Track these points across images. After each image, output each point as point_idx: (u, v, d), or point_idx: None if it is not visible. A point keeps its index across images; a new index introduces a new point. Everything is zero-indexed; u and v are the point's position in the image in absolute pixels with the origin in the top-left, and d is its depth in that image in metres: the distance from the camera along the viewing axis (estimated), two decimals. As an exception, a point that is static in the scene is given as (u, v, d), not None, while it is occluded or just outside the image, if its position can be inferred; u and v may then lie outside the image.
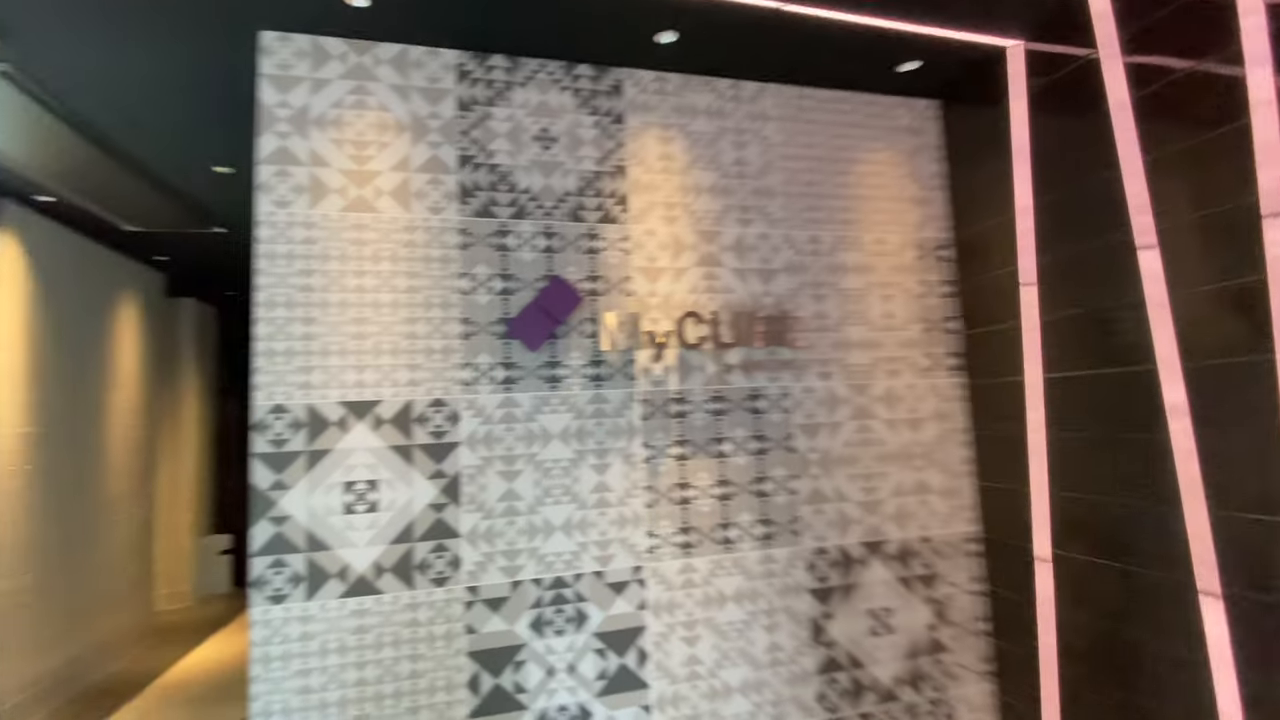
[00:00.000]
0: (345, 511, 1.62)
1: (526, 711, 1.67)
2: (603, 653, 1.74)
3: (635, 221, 1.90)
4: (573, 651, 1.72)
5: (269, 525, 1.57)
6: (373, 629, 1.60)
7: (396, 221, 1.73)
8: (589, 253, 1.85)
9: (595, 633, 1.74)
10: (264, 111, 1.67)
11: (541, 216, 1.82)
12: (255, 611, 1.54)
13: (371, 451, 1.65)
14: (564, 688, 1.70)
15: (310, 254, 1.66)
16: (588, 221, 1.86)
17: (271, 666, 1.53)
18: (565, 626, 1.72)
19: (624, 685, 1.74)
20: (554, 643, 1.71)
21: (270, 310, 1.63)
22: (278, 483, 1.58)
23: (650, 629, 1.78)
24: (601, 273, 1.85)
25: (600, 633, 1.74)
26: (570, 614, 1.73)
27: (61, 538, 3.60)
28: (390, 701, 1.59)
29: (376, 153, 1.73)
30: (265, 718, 1.51)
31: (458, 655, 1.65)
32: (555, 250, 1.82)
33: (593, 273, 1.84)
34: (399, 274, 1.72)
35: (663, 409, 1.86)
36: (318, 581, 1.58)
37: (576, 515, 1.77)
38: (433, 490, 1.68)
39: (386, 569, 1.63)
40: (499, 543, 1.71)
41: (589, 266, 1.84)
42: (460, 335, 1.74)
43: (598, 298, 1.84)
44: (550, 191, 1.84)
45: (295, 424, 1.61)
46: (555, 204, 1.84)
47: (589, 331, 1.82)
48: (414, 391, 1.69)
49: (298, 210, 1.66)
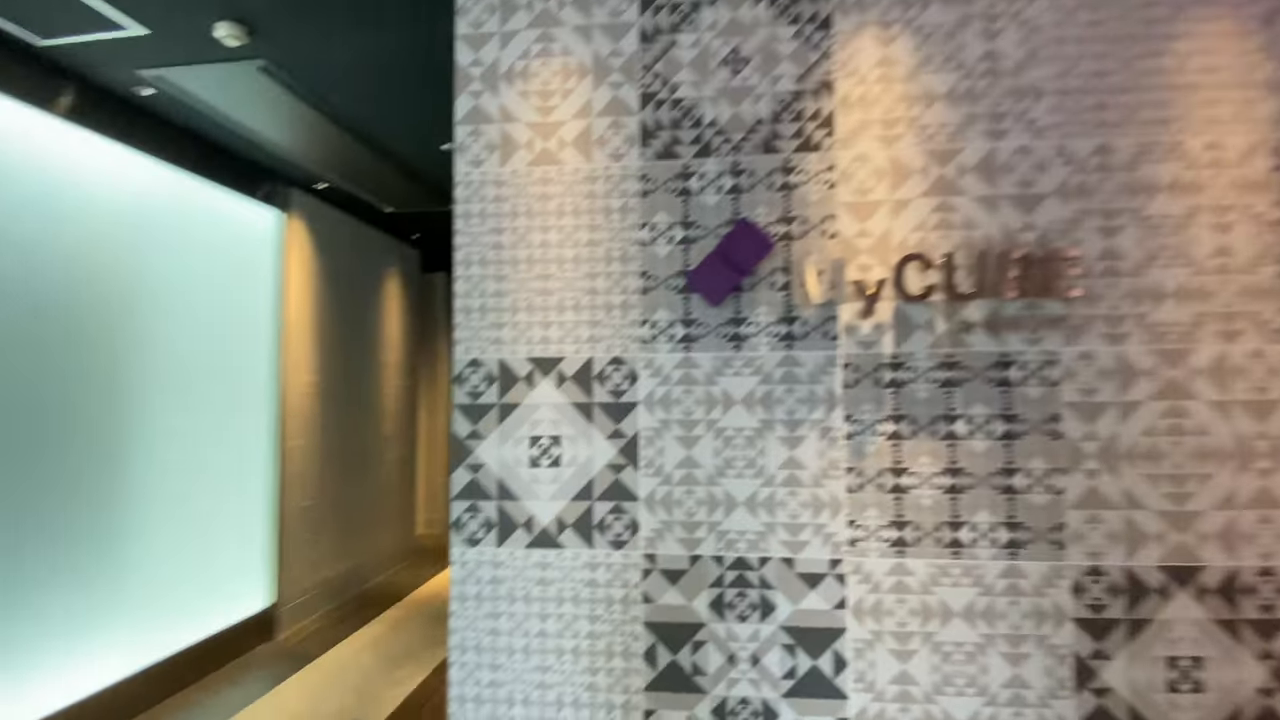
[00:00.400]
0: (531, 465, 1.64)
1: (705, 696, 1.55)
2: (792, 649, 1.53)
3: (843, 146, 1.57)
4: (757, 642, 1.54)
5: (466, 472, 1.66)
6: (554, 582, 1.61)
7: (578, 172, 1.66)
8: (783, 189, 1.58)
9: (783, 625, 1.53)
10: (460, 73, 1.72)
11: (728, 152, 1.60)
12: (454, 552, 1.65)
13: (555, 407, 1.64)
14: (746, 679, 1.54)
15: (500, 211, 1.69)
16: (782, 153, 1.58)
17: (467, 605, 1.63)
18: (748, 613, 1.54)
19: (816, 690, 1.51)
20: (736, 628, 1.55)
21: (467, 269, 1.69)
22: (474, 432, 1.66)
23: (851, 633, 1.51)
24: (797, 212, 1.57)
25: (789, 626, 1.53)
26: (754, 600, 1.54)
27: (341, 469, 4.45)
28: (570, 658, 1.59)
29: (560, 101, 1.68)
30: (461, 651, 1.62)
31: (634, 623, 1.58)
32: (743, 190, 1.59)
33: (787, 213, 1.58)
34: (581, 228, 1.66)
35: (872, 376, 1.54)
36: (507, 530, 1.64)
37: (762, 492, 1.56)
38: (611, 450, 1.62)
39: (568, 525, 1.62)
40: (677, 512, 1.59)
41: (782, 206, 1.58)
42: (639, 290, 1.63)
43: (792, 242, 1.57)
44: (739, 122, 1.60)
45: (489, 378, 1.67)
46: (744, 136, 1.60)
47: (780, 283, 1.57)
48: (594, 349, 1.64)
49: (489, 169, 1.69)
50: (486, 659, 1.61)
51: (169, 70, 2.48)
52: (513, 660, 1.60)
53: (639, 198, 1.64)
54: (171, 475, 3.06)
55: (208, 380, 3.29)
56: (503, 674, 1.60)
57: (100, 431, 2.72)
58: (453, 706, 1.61)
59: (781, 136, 1.58)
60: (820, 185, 1.57)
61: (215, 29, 2.16)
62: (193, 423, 3.19)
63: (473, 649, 1.62)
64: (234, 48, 2.27)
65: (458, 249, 1.70)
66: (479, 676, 1.61)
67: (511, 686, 1.60)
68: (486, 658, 1.61)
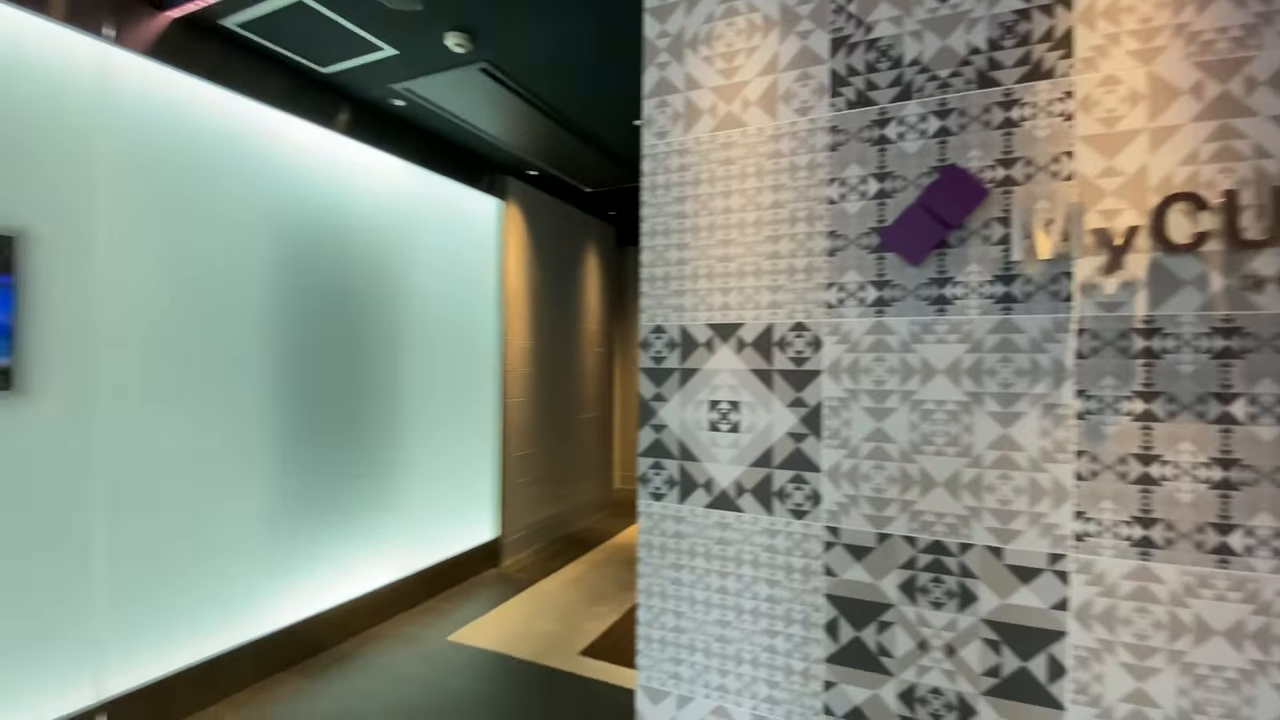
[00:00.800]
0: (710, 428, 1.67)
1: (891, 679, 1.47)
2: (996, 646, 1.38)
3: (1085, 69, 1.31)
4: (953, 632, 1.42)
5: (651, 431, 1.75)
6: (733, 543, 1.64)
7: (762, 132, 1.61)
8: (1002, 127, 1.37)
9: (986, 619, 1.39)
10: (647, 46, 1.75)
11: (934, 91, 1.43)
12: (641, 504, 1.76)
13: (734, 374, 1.65)
14: (940, 669, 1.43)
15: (684, 180, 1.71)
16: (1002, 84, 1.37)
17: (652, 553, 1.73)
18: (944, 600, 1.42)
19: (1025, 694, 1.36)
20: (929, 614, 1.44)
21: (652, 239, 1.75)
22: (657, 395, 1.74)
23: (1072, 638, 1.32)
24: (1021, 152, 1.35)
25: (993, 621, 1.38)
26: (952, 588, 1.42)
27: (549, 425, 4.90)
28: (749, 618, 1.62)
29: (744, 61, 1.63)
30: (648, 595, 1.74)
31: (815, 594, 1.55)
32: (951, 132, 1.41)
33: (1006, 153, 1.36)
34: (764, 189, 1.61)
35: (1116, 344, 1.29)
36: (688, 488, 1.70)
37: (967, 473, 1.41)
38: (792, 419, 1.58)
39: (747, 489, 1.63)
40: (864, 487, 1.51)
41: (1001, 146, 1.37)
42: (825, 251, 1.54)
43: (1012, 188, 1.36)
44: (948, 55, 1.42)
45: (671, 343, 1.72)
46: (954, 71, 1.41)
47: (996, 236, 1.38)
48: (775, 314, 1.60)
49: (674, 138, 1.72)
50: (670, 605, 1.70)
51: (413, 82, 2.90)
52: (694, 610, 1.68)
53: (827, 152, 1.54)
54: (425, 425, 3.68)
55: (449, 345, 3.87)
56: (685, 621, 1.68)
57: (377, 391, 3.35)
58: (640, 644, 1.74)
59: (1001, 66, 1.37)
60: (1052, 118, 1.33)
61: (446, 39, 2.47)
62: (438, 381, 3.78)
63: (658, 595, 1.72)
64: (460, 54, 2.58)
65: (644, 220, 1.76)
66: (663, 621, 1.71)
67: (693, 634, 1.67)
68: (670, 604, 1.70)
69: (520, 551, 4.43)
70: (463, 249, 3.99)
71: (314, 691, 2.67)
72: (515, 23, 2.39)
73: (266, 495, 2.78)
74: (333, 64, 2.77)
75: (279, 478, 2.83)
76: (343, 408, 3.16)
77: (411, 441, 3.58)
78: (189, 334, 2.49)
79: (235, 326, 2.65)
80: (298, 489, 2.92)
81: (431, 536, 3.72)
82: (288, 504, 2.88)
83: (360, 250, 3.25)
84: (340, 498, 3.14)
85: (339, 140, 3.13)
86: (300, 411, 2.93)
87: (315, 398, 3.01)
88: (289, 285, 2.88)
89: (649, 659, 1.73)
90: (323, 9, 2.32)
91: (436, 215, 3.77)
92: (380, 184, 3.38)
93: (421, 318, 3.65)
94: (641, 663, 1.74)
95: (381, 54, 2.64)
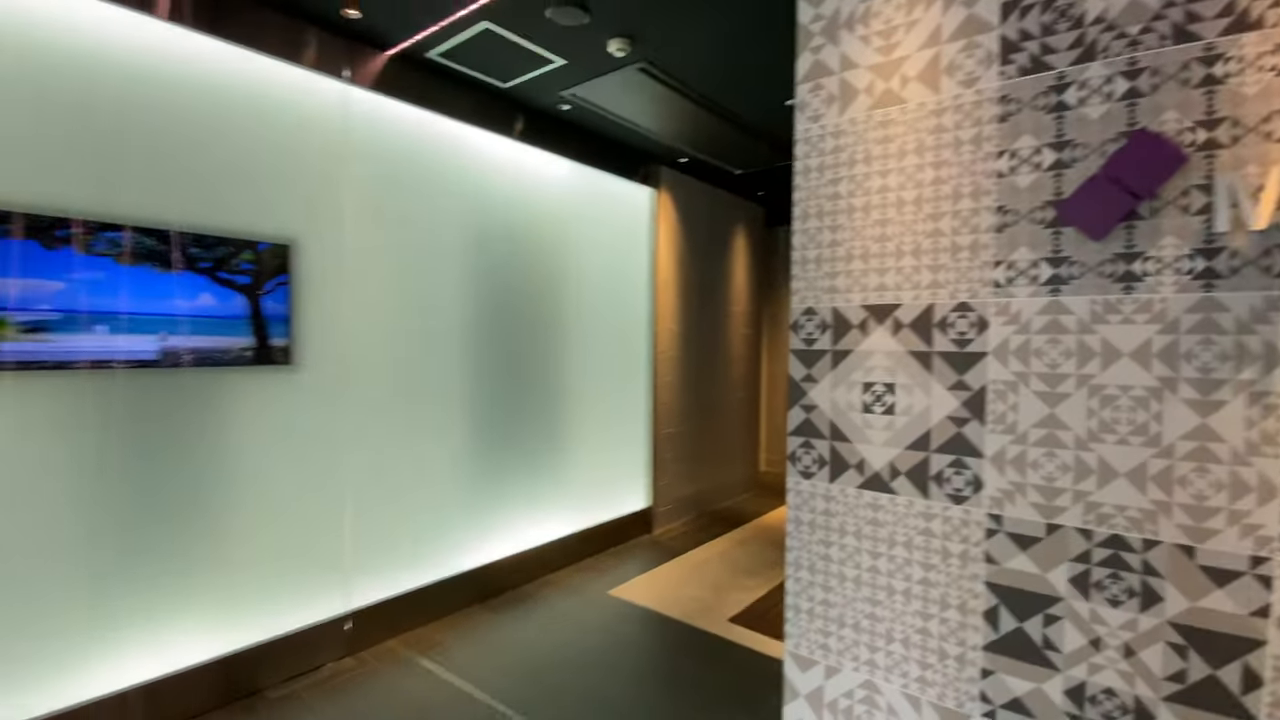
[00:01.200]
0: (863, 410, 1.69)
1: (1057, 674, 1.42)
2: (1182, 650, 1.28)
3: (1322, 8, 1.13)
4: (1132, 632, 1.33)
5: (800, 411, 1.80)
6: (885, 524, 1.66)
7: (923, 107, 1.57)
8: (1203, 85, 1.23)
9: (1171, 621, 1.29)
10: (801, 31, 1.77)
11: (1122, 50, 1.31)
12: (790, 481, 1.83)
13: (889, 355, 1.64)
14: (1114, 668, 1.35)
15: (838, 162, 1.72)
16: (1203, 38, 1.22)
17: (801, 528, 1.80)
18: (1122, 598, 1.34)
19: (1213, 704, 1.25)
20: (1105, 611, 1.36)
21: (804, 222, 1.78)
22: (808, 376, 1.78)
23: (1273, 647, 1.19)
24: (1226, 112, 1.21)
25: (1180, 624, 1.28)
26: (1132, 586, 1.33)
27: (696, 406, 5.03)
28: (900, 598, 1.63)
29: (904, 35, 1.60)
30: (796, 568, 1.81)
31: (974, 581, 1.53)
32: (1142, 93, 1.29)
33: (1209, 114, 1.22)
34: (924, 166, 1.58)
35: (1355, 323, 1.12)
36: (838, 468, 1.73)
37: (1155, 464, 1.31)
38: (953, 402, 1.55)
39: (901, 472, 1.63)
40: (1032, 475, 1.45)
41: (1203, 106, 1.23)
42: (992, 228, 1.48)
43: (1215, 152, 1.22)
44: (1138, 9, 1.29)
45: (822, 325, 1.76)
46: (1146, 25, 1.28)
47: (1196, 205, 1.25)
48: (935, 295, 1.57)
49: (828, 121, 1.73)
50: (819, 579, 1.76)
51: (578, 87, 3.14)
52: (844, 586, 1.72)
53: (996, 124, 1.47)
54: (586, 403, 4.00)
55: (606, 330, 4.16)
56: (834, 596, 1.74)
57: (546, 371, 3.72)
58: (788, 614, 1.83)
59: (1201, 18, 1.22)
60: (1262, 73, 1.17)
61: (609, 45, 2.65)
62: (597, 363, 4.09)
63: (806, 568, 1.79)
64: (620, 58, 2.76)
65: (796, 204, 1.80)
66: (812, 594, 1.78)
67: (842, 609, 1.72)
68: (819, 578, 1.76)
69: (670, 522, 4.66)
70: (618, 238, 4.24)
71: (500, 623, 3.10)
72: (671, 22, 2.51)
73: (463, 461, 3.24)
74: (512, 79, 3.08)
75: (472, 445, 3.28)
76: (519, 385, 3.55)
77: (575, 417, 3.92)
78: (407, 322, 2.98)
79: (439, 313, 3.12)
80: (486, 455, 3.36)
81: (592, 502, 4.06)
82: (479, 468, 3.33)
83: (530, 244, 3.60)
84: (518, 464, 3.55)
85: (514, 146, 3.47)
86: (488, 386, 3.36)
87: (499, 375, 3.42)
88: (476, 280, 3.30)
89: (797, 628, 1.81)
90: (506, 33, 2.61)
91: (595, 208, 4.04)
92: (547, 183, 3.70)
93: (582, 305, 3.96)
94: (790, 631, 1.83)
95: (553, 65, 2.90)
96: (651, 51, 2.76)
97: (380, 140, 2.86)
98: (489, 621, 3.11)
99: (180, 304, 2.26)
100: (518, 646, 2.87)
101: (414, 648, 2.86)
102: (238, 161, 2.45)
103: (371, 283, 2.84)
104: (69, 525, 2.12)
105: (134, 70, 2.22)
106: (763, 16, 2.47)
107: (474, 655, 2.80)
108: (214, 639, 2.45)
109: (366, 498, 2.84)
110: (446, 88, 3.09)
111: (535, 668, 2.71)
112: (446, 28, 2.61)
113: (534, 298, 3.62)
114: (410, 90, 2.95)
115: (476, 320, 3.29)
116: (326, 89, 2.68)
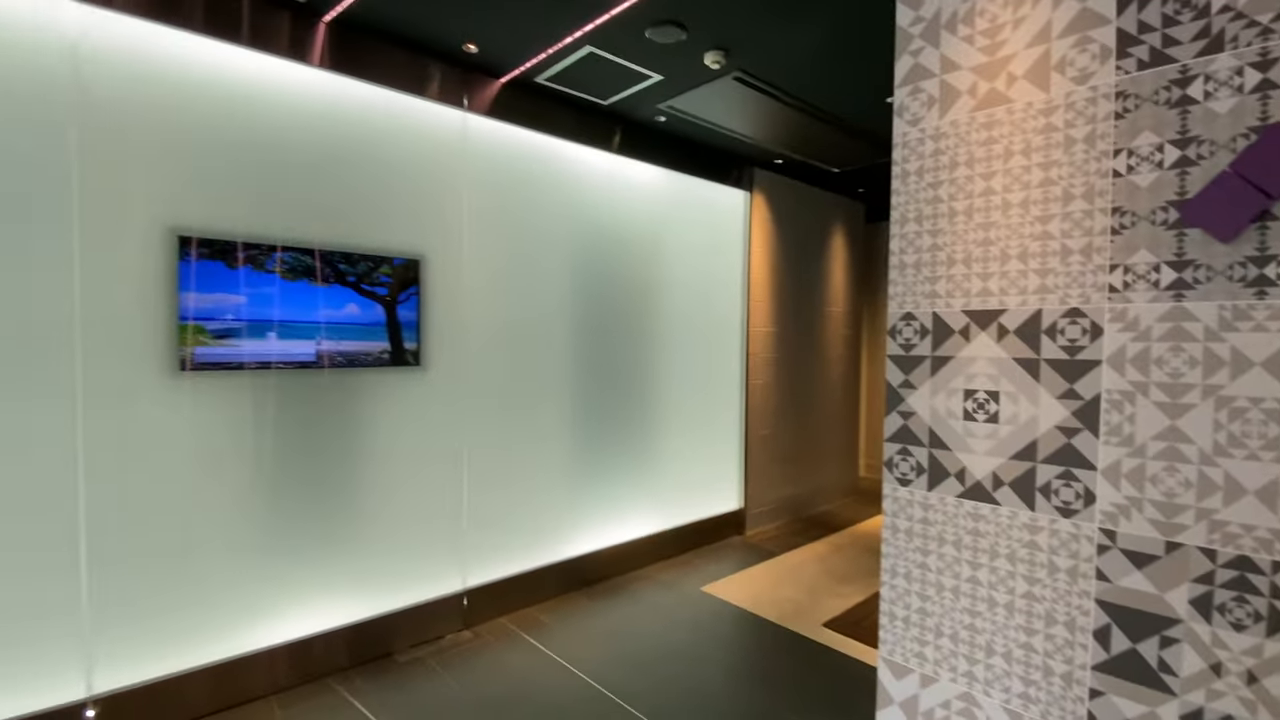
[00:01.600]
0: (965, 418, 1.66)
1: (1173, 699, 1.35)
2: (1328, 686, 1.18)
3: None
4: (1257, 659, 1.24)
5: (897, 418, 1.79)
6: (987, 535, 1.62)
7: (1031, 107, 1.53)
8: (1359, 73, 1.13)
9: (1315, 654, 1.19)
10: (899, 34, 1.76)
11: (1253, 39, 1.22)
12: (886, 488, 1.82)
13: (993, 362, 1.61)
14: (1236, 695, 1.27)
15: (939, 165, 1.70)
16: (1361, 20, 1.12)
17: (898, 536, 1.79)
18: (1248, 622, 1.26)
19: (1373, 751, 1.14)
20: (1228, 636, 1.28)
21: (902, 226, 1.78)
22: (905, 382, 1.78)
23: None
24: (1387, 101, 1.10)
25: (1326, 657, 1.18)
26: (1259, 609, 1.24)
27: (792, 408, 4.97)
28: (1003, 611, 1.60)
29: (1010, 34, 1.56)
30: (892, 575, 1.81)
31: (1084, 598, 1.47)
32: (1275, 86, 1.20)
33: (1365, 106, 1.12)
34: (1032, 167, 1.54)
35: None
36: (937, 476, 1.72)
37: (1294, 481, 1.21)
38: (1062, 411, 1.50)
39: (1005, 482, 1.60)
40: (1151, 490, 1.38)
41: (1357, 97, 1.13)
42: (1108, 230, 1.42)
43: (1373, 146, 1.12)
44: (1282, -7, 1.20)
45: (921, 330, 1.74)
46: (1279, 14, 1.19)
47: (1346, 205, 1.15)
48: (1044, 300, 1.52)
49: (928, 124, 1.71)
50: (915, 587, 1.75)
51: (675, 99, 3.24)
52: (942, 596, 1.70)
53: (1112, 121, 1.41)
54: (680, 403, 4.10)
55: (699, 332, 4.23)
56: (931, 605, 1.72)
57: (641, 372, 3.86)
58: (883, 620, 1.83)
59: (1359, -1, 1.12)
60: None
61: (705, 58, 2.73)
62: (691, 365, 4.17)
63: (903, 576, 1.78)
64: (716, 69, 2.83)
65: (894, 208, 1.80)
66: (908, 602, 1.77)
67: (939, 619, 1.70)
68: (915, 586, 1.75)
69: (763, 524, 4.66)
70: (712, 242, 4.30)
71: (597, 610, 3.27)
72: (765, 32, 2.54)
73: (565, 456, 3.45)
74: (612, 96, 3.23)
75: (572, 442, 3.48)
76: (615, 387, 3.71)
77: (669, 417, 4.03)
78: (516, 329, 3.23)
79: (545, 321, 3.35)
80: (585, 452, 3.55)
81: (685, 500, 4.15)
82: (580, 464, 3.52)
83: (626, 251, 3.75)
84: (614, 461, 3.71)
85: (612, 159, 3.63)
86: (588, 387, 3.55)
87: (598, 377, 3.60)
88: (577, 288, 3.49)
89: (892, 634, 1.80)
90: (608, 55, 2.75)
91: (689, 213, 4.13)
92: (642, 192, 3.83)
93: (675, 309, 4.06)
94: (884, 637, 1.83)
95: (651, 81, 3.02)
96: (746, 61, 2.80)
97: (493, 161, 3.11)
98: (586, 608, 3.29)
99: (330, 313, 2.60)
100: (614, 632, 3.02)
101: (521, 626, 3.08)
102: (375, 186, 2.76)
103: (485, 292, 3.09)
104: (239, 503, 2.49)
105: (289, 111, 2.56)
106: (859, 20, 2.44)
107: (574, 637, 2.98)
108: (351, 606, 2.77)
109: (481, 486, 3.10)
110: (552, 109, 3.30)
111: (629, 653, 2.84)
112: (553, 54, 2.79)
113: (630, 303, 3.76)
114: (520, 113, 3.18)
115: (578, 325, 3.48)
116: (448, 117, 2.95)
